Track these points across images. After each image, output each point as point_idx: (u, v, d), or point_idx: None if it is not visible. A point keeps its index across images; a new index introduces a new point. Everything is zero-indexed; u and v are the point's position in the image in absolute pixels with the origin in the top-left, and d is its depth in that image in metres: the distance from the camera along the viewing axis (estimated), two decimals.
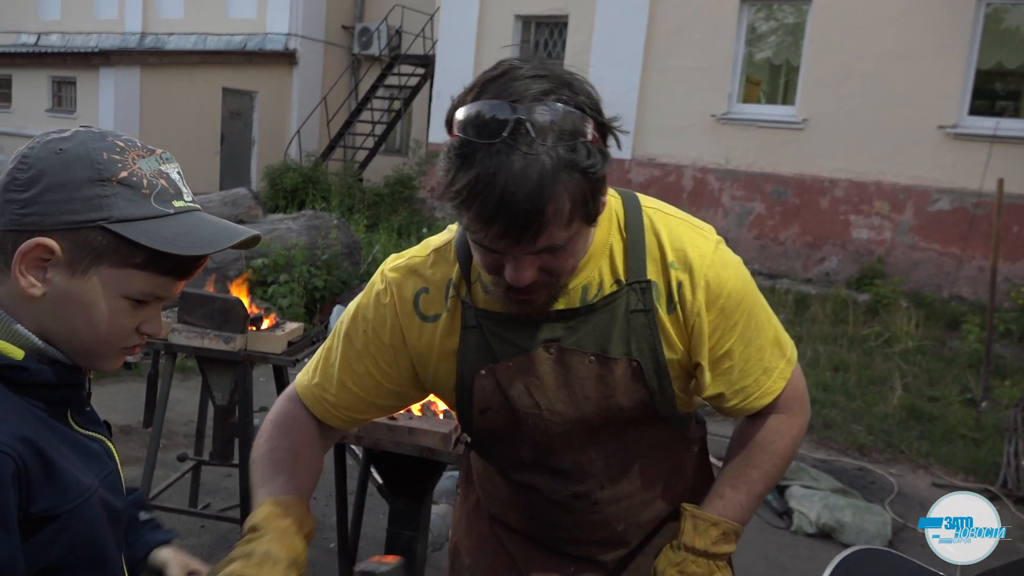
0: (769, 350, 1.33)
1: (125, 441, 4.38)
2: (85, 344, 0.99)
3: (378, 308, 1.34)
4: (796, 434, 1.40)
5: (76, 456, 0.99)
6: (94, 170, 0.94)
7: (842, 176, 9.62)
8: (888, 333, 7.26)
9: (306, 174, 12.01)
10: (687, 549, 1.33)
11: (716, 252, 1.28)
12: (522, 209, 1.04)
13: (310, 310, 6.40)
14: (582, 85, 1.10)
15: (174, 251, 0.96)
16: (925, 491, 4.51)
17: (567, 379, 1.30)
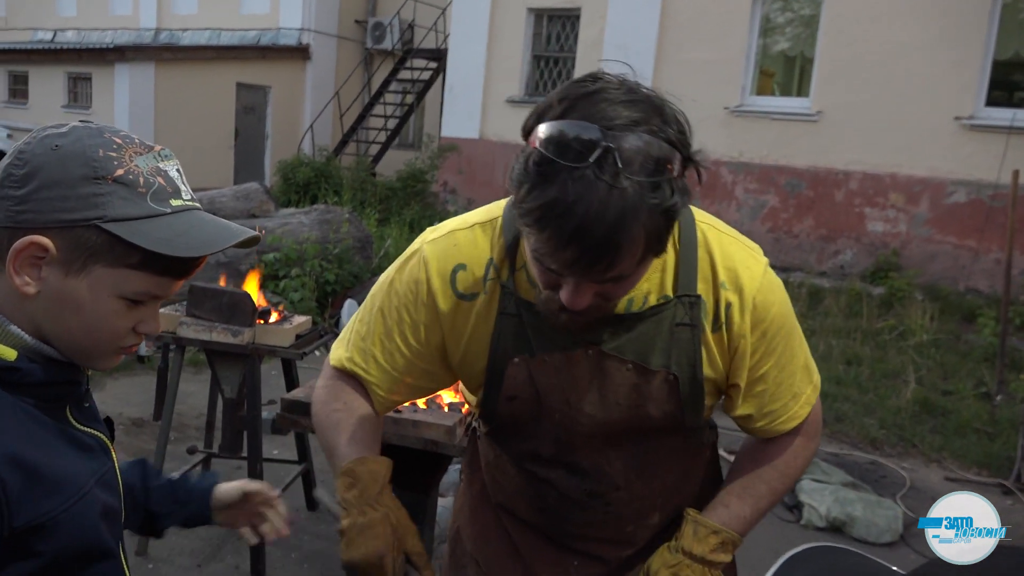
0: (800, 375, 1.34)
1: (137, 434, 4.42)
2: (80, 343, 0.98)
3: (412, 282, 1.31)
4: (808, 456, 1.41)
5: (72, 454, 0.98)
6: (90, 168, 0.92)
7: (857, 168, 9.55)
8: (902, 326, 7.20)
9: (318, 168, 12.05)
10: (684, 553, 1.32)
11: (765, 275, 1.27)
12: (598, 242, 1.01)
13: (322, 304, 6.42)
14: (673, 114, 1.07)
15: (169, 252, 0.94)
16: (938, 485, 4.47)
17: (601, 383, 1.29)
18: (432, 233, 1.35)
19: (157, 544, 3.35)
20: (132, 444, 4.27)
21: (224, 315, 3.14)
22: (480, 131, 12.22)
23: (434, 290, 1.29)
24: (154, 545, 3.33)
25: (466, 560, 1.54)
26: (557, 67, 11.89)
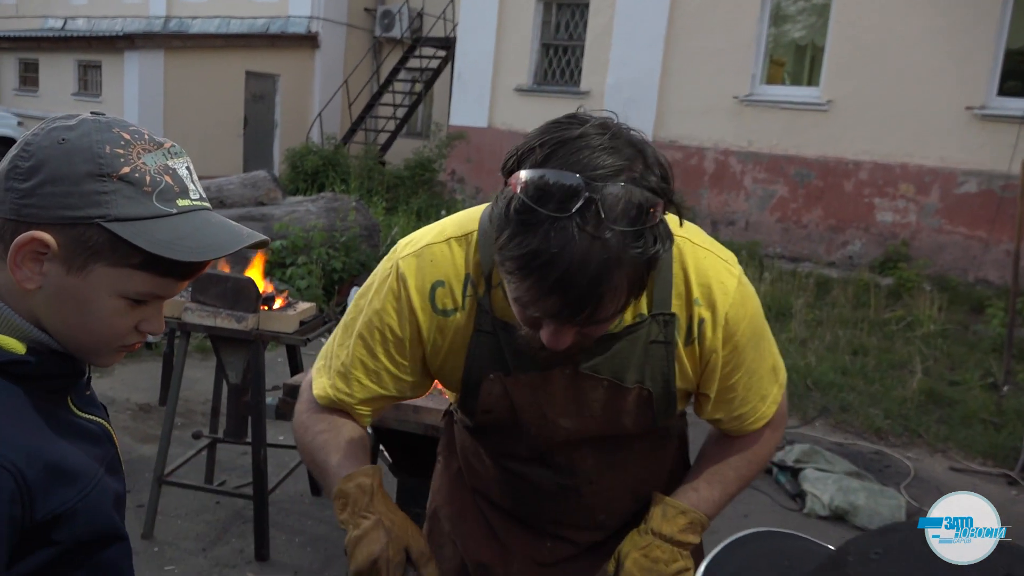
0: (767, 378, 1.38)
1: (144, 419, 4.45)
2: (80, 340, 0.97)
3: (393, 300, 1.30)
4: (774, 445, 1.47)
5: (79, 442, 0.98)
6: (95, 164, 0.90)
7: (867, 158, 9.49)
8: (910, 317, 7.17)
9: (327, 157, 12.06)
10: (654, 534, 1.35)
11: (738, 288, 1.28)
12: (580, 293, 1.01)
13: (328, 292, 6.44)
14: (656, 158, 1.06)
15: (170, 255, 0.92)
16: (942, 475, 4.46)
17: (577, 399, 1.31)
18: (406, 248, 1.33)
19: (162, 527, 3.38)
20: (139, 429, 4.31)
21: (228, 301, 3.16)
22: (489, 120, 12.20)
23: (415, 307, 1.29)
24: (159, 528, 3.36)
25: (444, 540, 1.57)
26: (566, 56, 11.85)
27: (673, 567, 1.33)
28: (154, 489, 3.31)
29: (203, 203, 0.98)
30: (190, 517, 3.52)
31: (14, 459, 0.86)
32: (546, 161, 1.02)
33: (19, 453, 0.86)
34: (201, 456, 3.71)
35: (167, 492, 3.46)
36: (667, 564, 1.33)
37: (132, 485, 3.67)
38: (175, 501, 3.57)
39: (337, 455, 1.34)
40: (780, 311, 7.13)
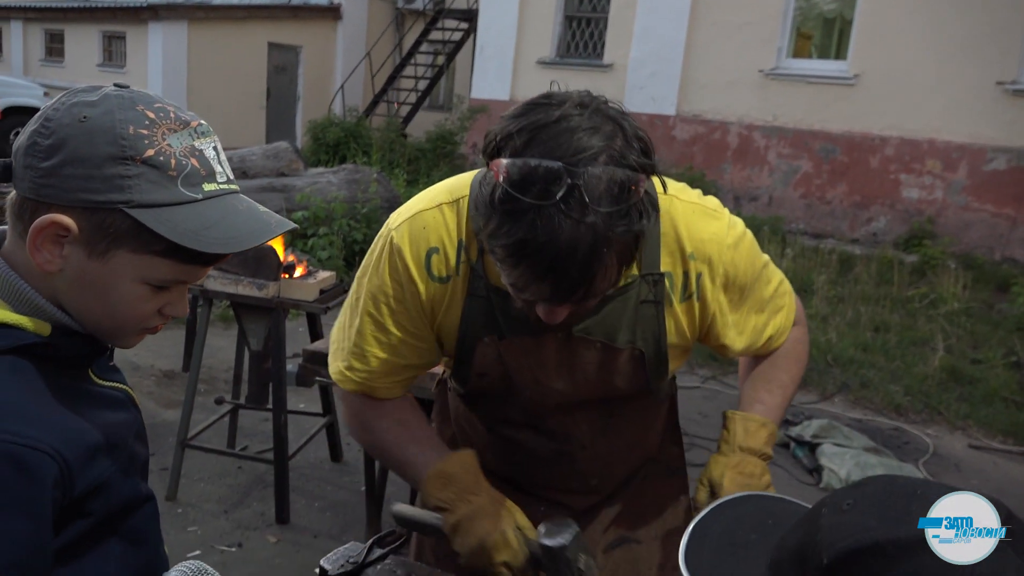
0: (777, 294, 1.43)
1: (168, 385, 4.53)
2: (101, 323, 0.95)
3: (392, 272, 1.31)
4: (807, 339, 1.53)
5: (107, 411, 0.98)
6: (117, 146, 0.87)
7: (894, 134, 9.36)
8: (934, 295, 7.10)
9: (348, 129, 12.06)
10: (742, 449, 1.35)
11: (729, 234, 1.30)
12: (572, 277, 1.03)
13: (349, 263, 6.48)
14: (635, 132, 1.06)
15: (196, 246, 0.89)
16: (961, 452, 4.45)
17: (570, 362, 1.33)
18: (397, 218, 1.33)
19: (186, 490, 3.45)
20: (163, 395, 4.38)
21: (250, 269, 3.19)
22: (511, 93, 12.13)
23: (413, 277, 1.30)
24: (183, 491, 3.43)
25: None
26: (589, 28, 11.73)
27: (763, 479, 1.35)
28: (177, 453, 3.37)
29: (230, 186, 0.95)
30: (213, 480, 3.59)
31: (54, 443, 0.86)
32: (526, 147, 1.02)
33: (58, 436, 0.87)
34: (223, 421, 3.77)
35: (190, 456, 3.52)
36: (759, 477, 1.35)
37: (156, 448, 3.74)
38: (198, 465, 3.64)
39: (414, 446, 1.38)
40: (802, 287, 7.09)
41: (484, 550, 1.27)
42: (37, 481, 0.84)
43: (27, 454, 0.83)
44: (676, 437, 1.63)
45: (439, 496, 1.32)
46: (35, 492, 0.84)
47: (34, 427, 0.85)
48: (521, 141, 1.03)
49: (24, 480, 0.83)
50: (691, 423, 4.37)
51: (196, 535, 3.17)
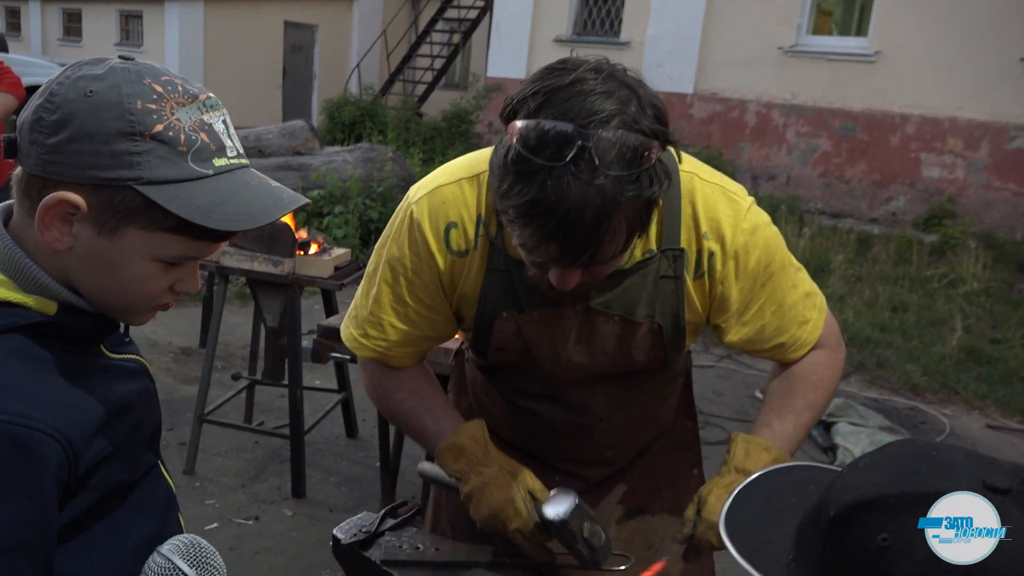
0: (802, 304, 1.38)
1: (186, 362, 4.57)
2: (112, 301, 0.94)
3: (411, 245, 1.32)
4: (836, 366, 1.44)
5: (115, 384, 0.98)
6: (125, 122, 0.85)
7: (915, 112, 9.23)
8: (953, 275, 7.03)
9: (364, 108, 12.05)
10: (737, 471, 1.34)
11: (747, 219, 1.29)
12: (580, 239, 1.04)
13: (365, 242, 6.50)
14: (649, 99, 1.07)
15: (207, 223, 0.87)
16: (978, 432, 4.42)
17: (589, 335, 1.34)
18: (417, 192, 1.34)
19: (203, 464, 3.50)
20: (181, 371, 4.43)
21: (265, 245, 3.21)
22: (527, 70, 12.06)
23: (432, 250, 1.31)
24: (201, 464, 3.47)
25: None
26: (606, 5, 11.62)
27: None
28: (195, 428, 3.41)
29: (240, 160, 0.93)
30: (230, 455, 3.63)
31: (58, 425, 0.85)
32: (540, 110, 1.04)
33: (61, 416, 0.86)
34: (240, 397, 3.81)
35: (208, 431, 3.56)
36: None
37: (174, 424, 3.79)
38: (215, 440, 3.68)
39: (429, 417, 1.41)
40: (819, 267, 7.04)
41: (496, 519, 1.31)
42: (40, 462, 0.83)
43: (29, 435, 0.83)
44: (690, 411, 1.64)
45: (452, 468, 1.36)
46: (38, 473, 0.84)
47: (37, 408, 0.84)
48: (535, 104, 1.05)
49: (27, 461, 0.83)
50: (705, 402, 4.37)
51: (214, 508, 3.21)
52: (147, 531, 1.04)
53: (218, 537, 3.00)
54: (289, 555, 2.97)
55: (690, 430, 1.64)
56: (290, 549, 3.01)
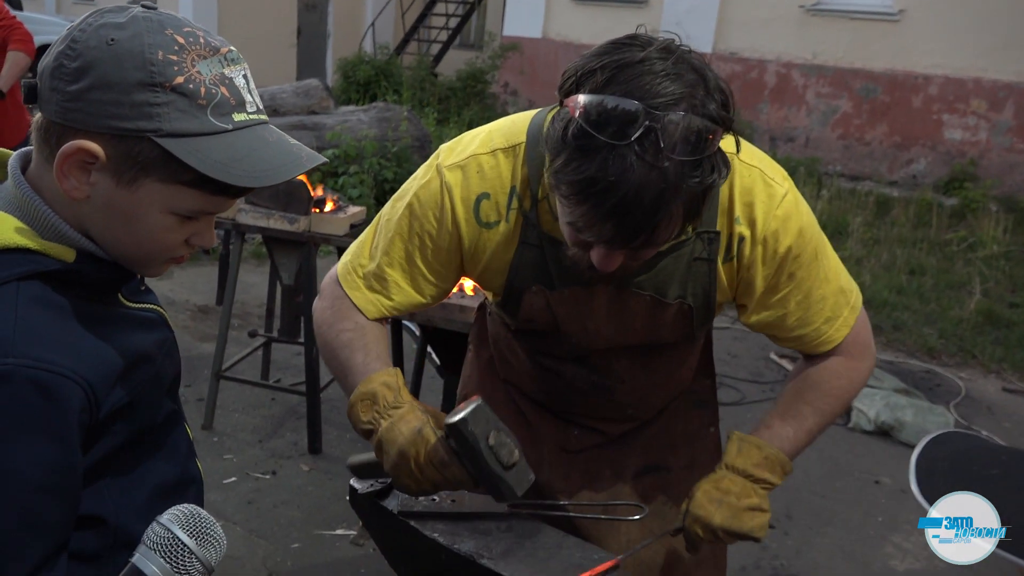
0: (832, 299, 1.34)
1: (203, 319, 4.61)
2: (128, 252, 0.94)
3: (436, 208, 1.29)
4: (855, 377, 1.41)
5: (135, 333, 0.99)
6: (146, 72, 0.84)
7: (938, 72, 9.06)
8: (973, 238, 6.95)
9: (379, 67, 11.95)
10: (727, 467, 1.34)
11: (781, 207, 1.26)
12: (636, 221, 1.01)
13: (380, 201, 6.49)
14: (716, 84, 1.04)
15: (225, 179, 0.87)
16: (994, 395, 4.40)
17: (620, 313, 1.33)
18: (451, 156, 1.30)
19: (221, 420, 3.54)
20: (198, 329, 4.47)
21: (281, 203, 3.21)
22: (543, 30, 11.92)
23: (459, 219, 1.28)
24: (218, 420, 3.52)
25: None
26: None
27: (745, 502, 1.31)
28: (212, 384, 3.45)
29: (260, 115, 0.93)
30: (247, 411, 3.67)
31: (78, 368, 0.87)
32: (607, 86, 1.00)
33: (82, 361, 0.88)
34: (257, 355, 3.84)
35: (225, 388, 3.60)
36: (738, 497, 1.31)
37: (192, 380, 3.83)
38: (233, 396, 3.72)
39: (362, 354, 1.32)
40: (836, 229, 6.98)
41: (404, 456, 1.21)
42: (62, 406, 0.85)
43: (52, 379, 0.84)
44: (709, 370, 1.64)
45: (363, 418, 1.27)
46: (61, 416, 0.85)
47: (58, 353, 0.86)
48: (602, 78, 1.01)
49: (50, 405, 0.84)
50: (720, 363, 4.37)
51: (232, 463, 3.26)
52: (170, 476, 1.07)
53: (236, 491, 3.05)
54: (306, 509, 3.02)
55: (708, 389, 1.64)
56: (307, 503, 3.05)
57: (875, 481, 3.53)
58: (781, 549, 3.04)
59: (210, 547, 0.82)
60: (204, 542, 0.81)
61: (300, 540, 2.85)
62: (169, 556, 0.79)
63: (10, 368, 0.82)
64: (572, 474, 1.54)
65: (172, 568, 0.79)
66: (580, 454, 1.54)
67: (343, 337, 1.35)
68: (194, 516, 0.82)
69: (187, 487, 1.10)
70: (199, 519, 0.82)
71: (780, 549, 3.03)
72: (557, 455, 1.54)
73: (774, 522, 3.15)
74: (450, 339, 2.62)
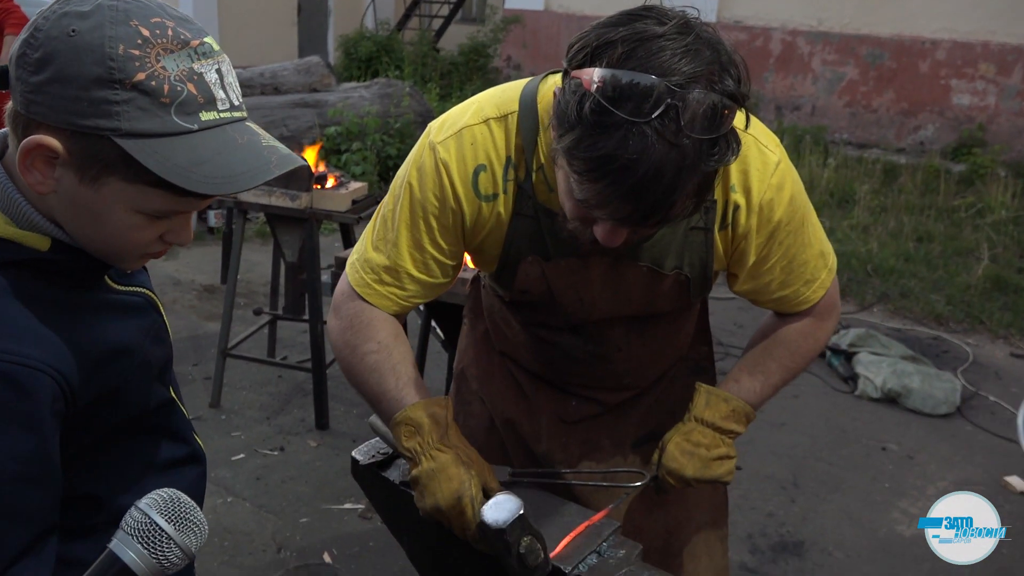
0: (813, 263, 1.36)
1: (209, 299, 4.62)
2: (99, 248, 0.91)
3: (436, 188, 1.26)
4: (821, 336, 1.45)
5: (119, 319, 0.97)
6: (105, 68, 0.80)
7: (945, 37, 8.93)
8: (981, 204, 6.89)
9: (380, 43, 11.86)
10: (696, 420, 1.38)
11: (775, 175, 1.26)
12: (654, 200, 0.99)
13: (383, 178, 6.47)
14: (732, 60, 1.02)
15: (185, 185, 0.83)
16: (1002, 360, 4.39)
17: (615, 284, 1.33)
18: (441, 132, 1.28)
19: (228, 398, 3.56)
20: (204, 308, 4.48)
21: (282, 180, 3.20)
22: (545, 2, 11.79)
23: (459, 195, 1.26)
24: (226, 398, 3.54)
25: (471, 397, 1.62)
26: None
27: (714, 451, 1.36)
28: (219, 362, 3.46)
29: (234, 113, 0.88)
30: (254, 389, 3.69)
31: (49, 360, 0.85)
32: (625, 60, 0.97)
33: (55, 353, 0.86)
34: (263, 333, 3.85)
35: (232, 366, 3.62)
36: (708, 448, 1.36)
37: (199, 359, 3.85)
38: (240, 374, 3.74)
39: (393, 378, 1.30)
40: (843, 198, 6.93)
41: (439, 512, 1.23)
42: (34, 397, 0.84)
43: (21, 372, 0.83)
44: (706, 337, 1.64)
45: (405, 445, 1.26)
46: (32, 407, 0.85)
47: (27, 344, 0.85)
48: (621, 52, 0.98)
49: (20, 397, 0.84)
50: (726, 333, 4.36)
51: (240, 440, 3.28)
52: (166, 455, 1.07)
53: (245, 468, 3.07)
54: (314, 484, 3.04)
55: (706, 356, 1.64)
56: (315, 478, 3.07)
57: (882, 448, 3.54)
58: (788, 516, 3.05)
59: (190, 533, 0.79)
60: (183, 528, 0.78)
61: (308, 515, 2.88)
62: (147, 542, 0.77)
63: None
64: (571, 444, 1.55)
65: (150, 554, 0.76)
66: (578, 424, 1.54)
67: (369, 361, 1.32)
68: (173, 501, 0.79)
69: (185, 465, 1.10)
70: (178, 504, 0.79)
71: (787, 516, 3.05)
72: (555, 426, 1.54)
73: (780, 489, 3.17)
74: (454, 313, 2.62)
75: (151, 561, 0.76)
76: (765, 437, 3.52)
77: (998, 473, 3.35)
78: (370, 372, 1.31)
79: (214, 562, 2.61)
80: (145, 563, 0.76)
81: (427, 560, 1.42)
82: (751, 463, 3.29)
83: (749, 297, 1.41)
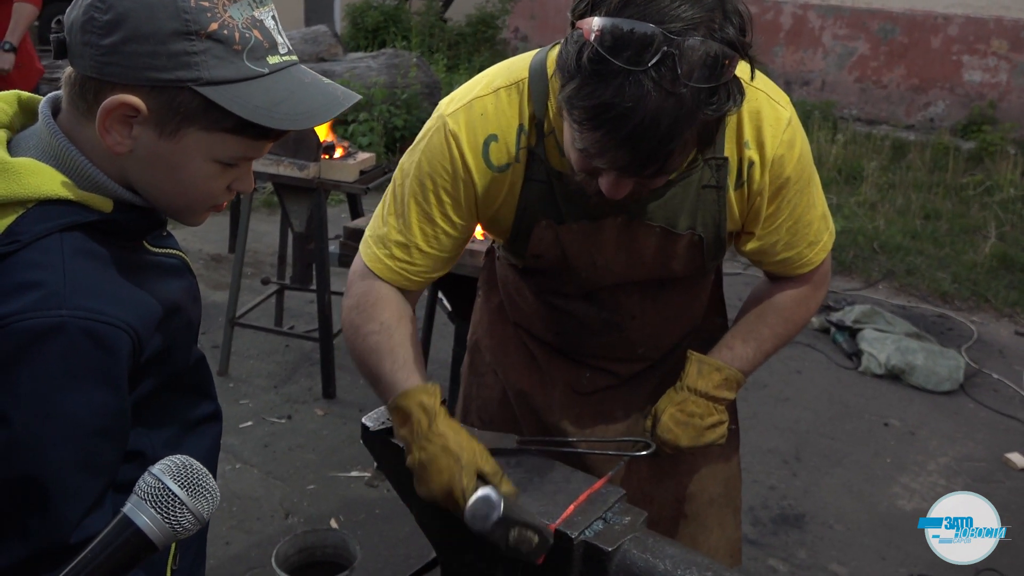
0: (817, 224, 1.37)
1: (216, 268, 4.64)
2: (172, 202, 0.95)
3: (446, 161, 1.27)
4: (813, 306, 1.46)
5: (165, 279, 1.00)
6: (180, 21, 0.84)
7: (958, 12, 8.84)
8: (990, 182, 6.86)
9: (388, 13, 11.77)
10: (689, 390, 1.39)
11: (787, 131, 1.26)
12: (651, 148, 1.00)
13: (390, 149, 6.45)
14: (734, 6, 1.01)
15: (269, 124, 0.88)
16: (1007, 339, 4.40)
17: (629, 246, 1.32)
18: (450, 105, 1.28)
19: (236, 366, 3.59)
20: (212, 277, 4.50)
21: (290, 149, 3.20)
22: None
23: (469, 166, 1.26)
24: (234, 366, 3.57)
25: (485, 369, 1.63)
26: None
27: (708, 420, 1.38)
28: (227, 330, 3.49)
29: (292, 57, 0.93)
30: (262, 358, 3.72)
31: (126, 318, 0.89)
32: (622, 9, 0.98)
33: (130, 312, 0.90)
34: (271, 303, 3.88)
35: (240, 335, 3.65)
36: (702, 418, 1.37)
37: (207, 327, 3.87)
38: (247, 343, 3.77)
39: (390, 361, 1.29)
40: (851, 174, 6.90)
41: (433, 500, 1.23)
42: (115, 354, 0.88)
43: (105, 330, 0.87)
44: (720, 308, 1.64)
45: (399, 432, 1.27)
46: (113, 364, 0.89)
47: (106, 302, 0.88)
48: (618, 1, 0.99)
49: (103, 354, 0.87)
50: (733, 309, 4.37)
51: (248, 408, 3.32)
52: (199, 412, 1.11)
53: (252, 435, 3.11)
54: (321, 452, 3.08)
55: (719, 327, 1.64)
56: (322, 446, 3.11)
57: (884, 423, 3.56)
58: (789, 489, 3.08)
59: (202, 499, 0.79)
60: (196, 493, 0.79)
61: (315, 482, 2.92)
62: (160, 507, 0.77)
63: (64, 319, 0.85)
64: (583, 416, 1.56)
65: (163, 519, 0.77)
66: (592, 396, 1.55)
67: (370, 341, 1.32)
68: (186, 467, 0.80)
69: (213, 421, 1.15)
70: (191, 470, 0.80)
71: (788, 489, 3.08)
72: (568, 397, 1.55)
73: (783, 463, 3.20)
74: (461, 284, 2.63)
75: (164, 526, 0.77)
76: (768, 411, 3.55)
77: (1000, 450, 3.37)
78: (370, 352, 1.32)
79: (223, 527, 2.66)
80: (158, 527, 0.77)
81: (436, 525, 1.44)
82: (753, 437, 3.32)
83: (753, 258, 1.41)
